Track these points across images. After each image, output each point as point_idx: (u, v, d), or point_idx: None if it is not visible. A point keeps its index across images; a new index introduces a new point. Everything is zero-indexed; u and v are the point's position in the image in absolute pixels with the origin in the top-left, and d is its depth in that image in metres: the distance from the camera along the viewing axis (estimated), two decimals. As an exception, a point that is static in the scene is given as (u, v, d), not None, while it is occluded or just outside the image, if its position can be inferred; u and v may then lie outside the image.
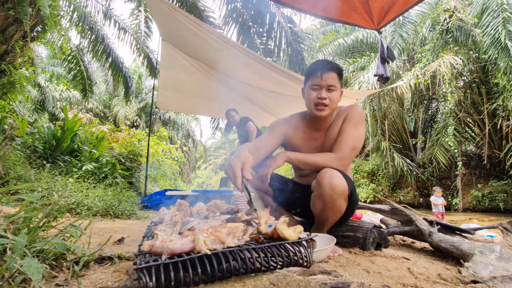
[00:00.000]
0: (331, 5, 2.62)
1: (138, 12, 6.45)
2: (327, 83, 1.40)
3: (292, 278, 0.64)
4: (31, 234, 0.84)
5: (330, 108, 1.43)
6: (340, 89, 1.48)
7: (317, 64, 1.46)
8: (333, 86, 1.41)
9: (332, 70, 1.41)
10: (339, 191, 1.33)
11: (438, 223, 1.80)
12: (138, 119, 16.19)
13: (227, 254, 0.61)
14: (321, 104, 1.41)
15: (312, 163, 1.41)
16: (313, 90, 1.44)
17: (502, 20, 7.52)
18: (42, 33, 4.76)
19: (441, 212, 6.28)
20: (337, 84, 1.42)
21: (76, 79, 7.42)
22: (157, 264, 0.56)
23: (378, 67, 2.94)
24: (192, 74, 4.37)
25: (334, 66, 1.45)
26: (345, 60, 12.77)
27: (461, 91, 9.72)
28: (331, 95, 1.41)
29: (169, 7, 3.09)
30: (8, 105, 4.41)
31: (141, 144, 6.88)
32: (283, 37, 5.32)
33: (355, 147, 1.45)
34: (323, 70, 1.41)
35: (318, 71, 1.42)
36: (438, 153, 9.79)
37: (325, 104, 1.41)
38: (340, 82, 1.47)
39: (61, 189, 2.56)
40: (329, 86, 1.41)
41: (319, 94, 1.41)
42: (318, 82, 1.42)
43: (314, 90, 1.44)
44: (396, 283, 0.97)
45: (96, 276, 0.83)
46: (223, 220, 0.89)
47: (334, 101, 1.43)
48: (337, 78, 1.43)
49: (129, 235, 1.66)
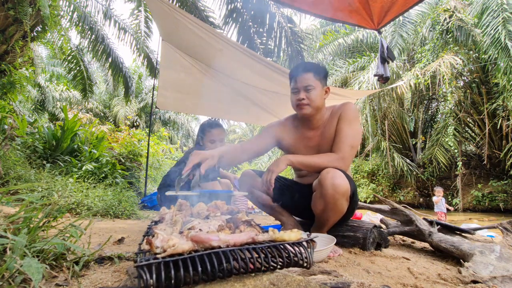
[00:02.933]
0: (331, 5, 2.62)
1: (138, 12, 6.44)
2: (302, 85, 1.49)
3: (292, 278, 0.64)
4: (31, 234, 0.84)
5: (311, 107, 1.50)
6: (322, 86, 1.53)
7: (293, 69, 1.56)
8: (309, 86, 1.48)
9: (305, 71, 1.49)
10: (342, 191, 1.33)
11: (438, 223, 1.80)
12: (138, 119, 16.19)
13: (228, 254, 0.61)
14: (300, 104, 1.50)
15: (314, 164, 1.42)
16: (293, 93, 1.54)
17: (502, 20, 7.52)
18: (42, 33, 4.76)
19: (443, 212, 6.27)
20: (314, 83, 1.49)
21: (76, 79, 7.41)
22: (157, 261, 0.56)
23: (378, 67, 2.94)
24: (192, 74, 4.36)
25: (308, 67, 1.51)
26: (345, 60, 12.77)
27: (461, 91, 9.72)
28: (309, 95, 1.49)
29: (169, 7, 3.08)
30: (8, 105, 4.41)
31: (141, 144, 6.88)
32: (283, 37, 5.32)
33: (353, 145, 1.47)
34: (297, 74, 1.51)
35: (293, 76, 1.54)
36: (438, 153, 9.79)
37: (304, 103, 1.49)
38: (319, 80, 1.51)
39: (61, 189, 2.56)
40: (305, 87, 1.49)
41: (297, 96, 1.50)
42: (295, 86, 1.52)
43: (294, 94, 1.54)
44: (396, 283, 0.97)
45: (96, 276, 0.83)
46: (224, 221, 0.89)
47: (313, 99, 1.49)
48: (314, 78, 1.49)
49: (129, 235, 1.66)
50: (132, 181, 4.75)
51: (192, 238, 0.62)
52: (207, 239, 0.62)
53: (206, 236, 0.62)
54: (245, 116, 5.93)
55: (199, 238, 0.62)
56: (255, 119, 6.01)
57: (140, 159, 5.71)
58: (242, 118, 7.17)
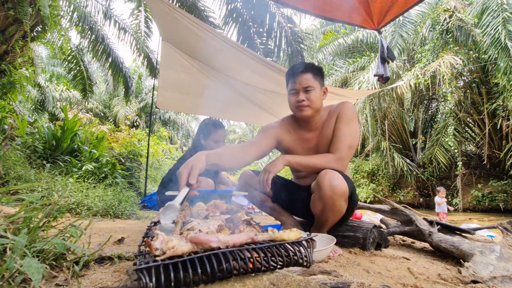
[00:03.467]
0: (331, 5, 2.62)
1: (138, 12, 6.44)
2: (302, 86, 1.45)
3: (292, 278, 0.64)
4: (31, 234, 0.84)
5: (311, 108, 1.47)
6: (321, 87, 1.51)
7: (291, 69, 1.51)
8: (309, 87, 1.45)
9: (305, 72, 1.46)
10: (340, 192, 1.33)
11: (438, 223, 1.80)
12: (138, 119, 16.19)
13: (227, 255, 0.61)
14: (300, 106, 1.46)
15: (312, 165, 1.41)
16: (292, 94, 1.50)
17: (502, 20, 7.52)
18: (42, 33, 4.75)
19: (445, 212, 6.25)
20: (313, 83, 1.46)
21: (76, 79, 7.41)
22: (157, 264, 0.56)
23: (378, 67, 2.94)
24: (192, 74, 4.36)
25: (308, 67, 1.48)
26: (345, 60, 12.77)
27: (461, 91, 9.72)
28: (309, 96, 1.45)
29: (169, 7, 3.08)
30: (8, 105, 4.41)
31: (141, 144, 6.88)
32: (283, 37, 5.32)
33: (351, 145, 1.45)
34: (296, 74, 1.46)
35: (291, 76, 1.49)
36: (438, 153, 9.79)
37: (304, 105, 1.45)
38: (319, 81, 1.49)
39: (61, 189, 2.57)
40: (305, 88, 1.45)
41: (297, 97, 1.46)
42: (293, 87, 1.48)
43: (293, 95, 1.49)
44: (396, 283, 0.97)
45: (96, 276, 0.83)
46: (223, 220, 0.89)
47: (313, 100, 1.46)
48: (313, 78, 1.46)
49: (129, 235, 1.66)
50: (132, 181, 4.75)
51: (192, 240, 0.62)
52: (206, 240, 0.62)
53: (205, 238, 0.62)
54: (245, 116, 5.93)
55: (198, 239, 0.62)
56: (255, 119, 6.01)
57: (140, 159, 5.72)
58: (242, 118, 7.17)
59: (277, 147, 1.64)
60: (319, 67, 1.54)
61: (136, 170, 5.22)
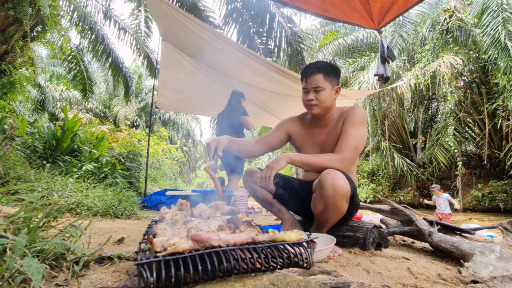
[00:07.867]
0: (331, 4, 2.62)
1: (138, 12, 6.44)
2: (312, 86, 1.53)
3: (292, 278, 0.64)
4: (31, 234, 0.84)
5: (320, 107, 1.54)
6: (332, 87, 1.55)
7: (305, 69, 1.59)
8: (319, 87, 1.52)
9: (315, 73, 1.52)
10: (342, 192, 1.33)
11: (438, 223, 1.80)
12: (138, 119, 16.20)
13: (228, 253, 0.61)
14: (309, 104, 1.55)
15: (314, 164, 1.42)
16: (304, 93, 1.59)
17: (502, 20, 7.52)
18: (42, 33, 4.75)
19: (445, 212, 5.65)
20: (323, 84, 1.51)
21: (76, 79, 7.42)
22: (158, 260, 0.56)
23: (378, 67, 2.94)
24: (192, 74, 4.36)
25: (318, 68, 1.53)
26: (345, 60, 12.77)
27: (461, 91, 9.72)
28: (318, 95, 1.52)
29: (169, 7, 3.09)
30: (8, 105, 4.40)
31: (141, 144, 6.88)
32: (283, 37, 5.32)
33: (357, 147, 1.46)
34: (307, 75, 1.55)
35: (303, 76, 1.58)
36: (438, 153, 9.79)
37: (313, 104, 1.53)
38: (329, 81, 1.53)
39: (61, 189, 2.56)
40: (314, 88, 1.52)
41: (307, 97, 1.55)
42: (305, 86, 1.57)
43: (304, 93, 1.58)
44: (396, 283, 0.97)
45: (96, 276, 0.83)
46: (224, 221, 0.89)
47: (322, 100, 1.52)
48: (323, 79, 1.52)
49: (129, 235, 1.66)
50: (132, 181, 4.75)
51: (193, 237, 0.62)
52: (207, 238, 0.62)
53: (206, 236, 0.62)
54: (245, 116, 5.91)
55: (199, 237, 0.62)
56: (255, 119, 6.01)
57: (140, 159, 5.72)
58: (242, 118, 7.14)
59: (290, 140, 1.74)
60: (333, 67, 1.57)
61: (136, 170, 5.22)
